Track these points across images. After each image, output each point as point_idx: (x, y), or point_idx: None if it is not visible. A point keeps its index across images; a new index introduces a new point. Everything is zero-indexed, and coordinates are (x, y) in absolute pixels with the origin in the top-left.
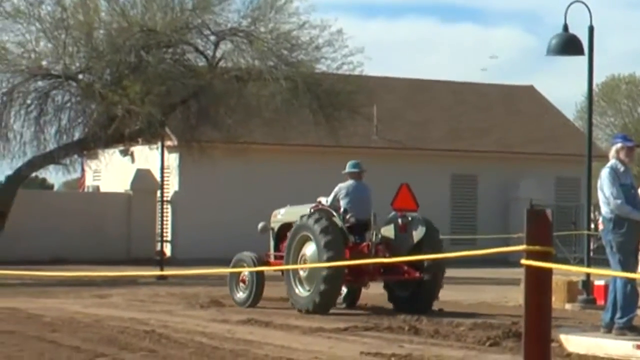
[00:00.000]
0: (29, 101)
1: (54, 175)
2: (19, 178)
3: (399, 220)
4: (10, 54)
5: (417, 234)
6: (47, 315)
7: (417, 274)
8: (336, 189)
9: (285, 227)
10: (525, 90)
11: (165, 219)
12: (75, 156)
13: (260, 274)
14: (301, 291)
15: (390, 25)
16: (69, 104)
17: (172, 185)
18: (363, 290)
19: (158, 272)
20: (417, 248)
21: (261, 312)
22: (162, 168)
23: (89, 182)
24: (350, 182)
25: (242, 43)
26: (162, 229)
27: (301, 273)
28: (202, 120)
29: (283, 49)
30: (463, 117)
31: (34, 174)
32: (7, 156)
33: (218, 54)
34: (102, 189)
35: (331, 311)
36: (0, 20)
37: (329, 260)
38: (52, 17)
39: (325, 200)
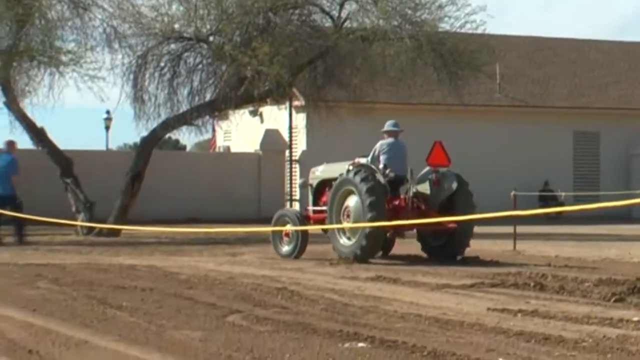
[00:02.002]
0: (162, 64)
1: (186, 136)
2: (154, 139)
3: (433, 175)
4: (144, 18)
5: (450, 187)
6: (183, 273)
7: (453, 224)
8: (377, 145)
9: (323, 183)
10: None
11: (293, 178)
12: (207, 117)
13: (305, 230)
14: (345, 241)
15: None
16: (200, 66)
17: (300, 144)
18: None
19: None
20: (450, 200)
21: (388, 269)
22: (290, 128)
23: (220, 142)
24: (389, 139)
25: (367, 3)
26: (290, 188)
27: (345, 223)
28: (329, 80)
29: (407, 8)
30: (585, 75)
31: (167, 135)
32: (143, 118)
33: (343, 14)
34: (233, 149)
35: (443, 267)
36: None
37: (372, 219)
38: None
39: (364, 159)
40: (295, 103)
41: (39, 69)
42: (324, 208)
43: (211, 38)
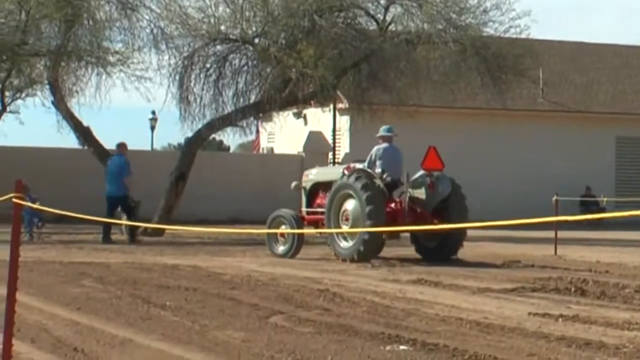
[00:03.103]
0: (208, 65)
1: (230, 137)
2: (199, 140)
3: (427, 179)
4: (191, 19)
5: (444, 190)
6: (226, 273)
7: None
8: (373, 150)
9: (316, 185)
10: None
11: None
12: (251, 118)
13: (300, 229)
14: (344, 243)
15: None
16: (245, 68)
17: (344, 147)
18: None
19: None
20: (444, 203)
21: (430, 272)
22: (334, 130)
23: (264, 144)
24: (384, 145)
25: (412, 7)
26: None
27: (344, 227)
28: (373, 83)
29: (452, 12)
30: (628, 80)
31: (211, 136)
32: (188, 118)
33: (388, 17)
34: (276, 151)
35: (484, 271)
36: None
37: (370, 213)
38: None
39: (360, 164)
40: (339, 105)
41: (87, 69)
42: (317, 210)
43: (257, 40)
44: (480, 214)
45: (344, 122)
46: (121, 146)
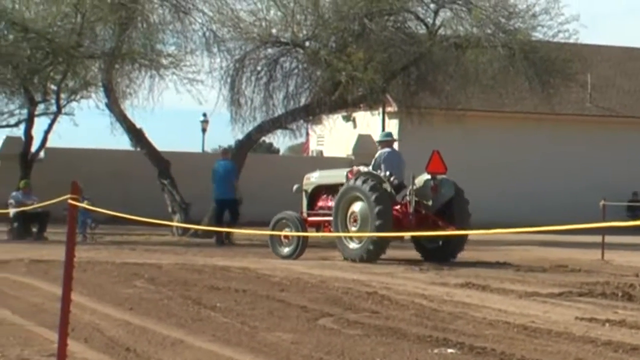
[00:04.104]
0: (259, 68)
1: (280, 140)
2: (249, 142)
3: (431, 182)
4: (243, 22)
5: (447, 193)
6: (275, 275)
7: (452, 228)
8: (377, 155)
9: (318, 188)
10: None
11: None
12: (301, 121)
13: (304, 231)
14: (352, 245)
15: None
16: (296, 71)
17: None
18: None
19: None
20: (448, 205)
21: (477, 275)
22: None
23: (313, 146)
24: (386, 149)
25: (461, 11)
26: None
27: (352, 228)
28: (421, 86)
29: (501, 16)
30: None
31: (261, 139)
32: (239, 121)
33: (437, 21)
34: (325, 154)
35: (531, 275)
36: None
37: (379, 213)
38: None
39: (364, 167)
40: (388, 109)
41: (140, 71)
42: (319, 212)
43: (307, 43)
44: (527, 218)
45: (392, 125)
46: (226, 151)
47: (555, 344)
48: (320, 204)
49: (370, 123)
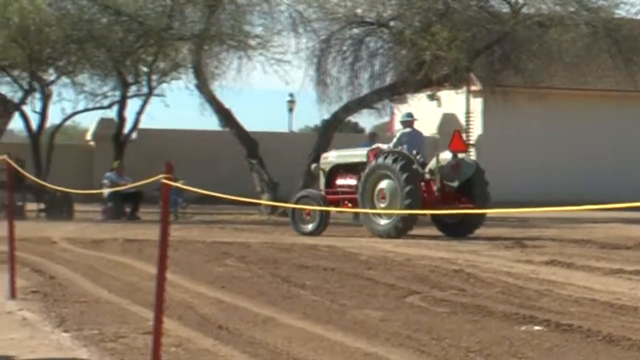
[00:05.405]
0: (344, 48)
1: (366, 120)
2: (335, 122)
3: (453, 160)
4: (329, 3)
5: (468, 171)
6: (362, 254)
7: (471, 205)
8: (398, 134)
9: (336, 167)
10: None
11: None
12: (386, 100)
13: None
14: (383, 221)
15: None
16: (381, 50)
17: (476, 129)
18: None
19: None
20: (468, 183)
21: (562, 253)
22: (468, 112)
23: (398, 125)
24: (407, 129)
25: None
26: None
27: (381, 204)
28: (505, 65)
29: None
30: None
31: (347, 118)
32: (325, 101)
33: (520, 0)
34: None
35: (616, 252)
36: None
37: (409, 192)
38: None
39: (385, 146)
40: (473, 88)
41: (228, 52)
42: (337, 190)
43: (392, 23)
44: (611, 195)
45: (477, 104)
46: (373, 135)
47: None
48: (338, 182)
49: (455, 102)
